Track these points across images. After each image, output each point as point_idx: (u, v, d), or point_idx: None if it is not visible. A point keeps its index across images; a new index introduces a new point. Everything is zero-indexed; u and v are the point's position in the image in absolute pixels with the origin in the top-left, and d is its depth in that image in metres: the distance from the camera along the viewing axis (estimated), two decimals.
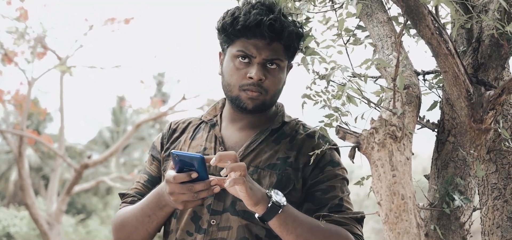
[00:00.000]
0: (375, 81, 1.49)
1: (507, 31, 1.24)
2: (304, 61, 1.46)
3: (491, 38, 1.29)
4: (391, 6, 1.47)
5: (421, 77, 1.45)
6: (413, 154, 1.21)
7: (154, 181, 1.57)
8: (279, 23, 1.39)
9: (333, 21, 1.57)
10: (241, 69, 1.43)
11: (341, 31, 1.47)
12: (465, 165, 1.30)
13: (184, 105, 10.94)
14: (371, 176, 1.18)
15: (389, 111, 1.20)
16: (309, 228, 1.33)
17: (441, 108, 1.38)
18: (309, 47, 1.46)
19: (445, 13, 1.53)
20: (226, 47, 1.48)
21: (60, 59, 10.30)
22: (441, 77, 1.41)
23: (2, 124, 10.92)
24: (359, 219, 1.43)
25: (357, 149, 1.20)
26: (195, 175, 1.29)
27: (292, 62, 1.52)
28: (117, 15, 10.43)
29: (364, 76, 1.32)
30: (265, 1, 1.44)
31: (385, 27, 1.40)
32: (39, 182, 17.37)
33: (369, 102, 1.35)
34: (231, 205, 1.41)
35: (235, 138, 1.50)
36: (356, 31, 1.53)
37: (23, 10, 9.37)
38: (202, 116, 1.60)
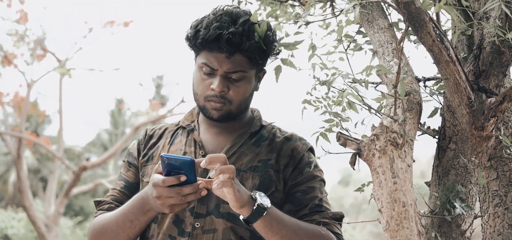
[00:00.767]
0: (376, 87, 1.49)
1: (508, 39, 1.24)
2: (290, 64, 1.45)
3: (493, 45, 1.29)
4: (391, 11, 1.47)
5: (421, 84, 1.45)
6: (414, 161, 1.20)
7: (131, 187, 1.57)
8: (238, 36, 1.41)
9: (333, 26, 1.57)
10: (205, 80, 1.46)
11: (341, 37, 1.47)
12: (466, 172, 1.30)
13: (183, 108, 10.93)
14: (372, 182, 1.18)
15: (390, 118, 1.19)
16: (293, 229, 1.35)
17: (442, 115, 1.37)
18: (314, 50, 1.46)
19: (445, 20, 1.53)
20: (195, 56, 1.52)
21: (59, 61, 10.30)
22: (441, 83, 1.41)
23: (1, 126, 10.90)
24: (338, 218, 1.47)
25: (357, 156, 1.19)
26: (184, 178, 1.29)
27: (264, 68, 1.54)
28: (116, 17, 10.44)
29: (364, 82, 1.32)
30: (232, 11, 1.46)
31: (386, 34, 1.40)
32: (37, 184, 17.34)
33: (369, 108, 1.34)
34: (216, 207, 1.42)
35: (215, 142, 1.52)
36: (356, 37, 1.53)
37: (23, 12, 9.38)
38: (179, 122, 1.62)
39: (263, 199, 1.31)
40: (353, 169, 1.21)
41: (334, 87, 1.38)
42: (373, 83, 1.49)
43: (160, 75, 18.78)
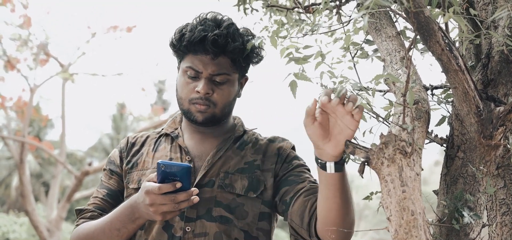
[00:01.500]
0: (383, 95, 1.49)
1: None
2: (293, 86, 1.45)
3: (501, 54, 1.29)
4: (397, 19, 1.47)
5: (429, 92, 1.45)
6: (423, 169, 1.20)
7: (113, 195, 1.57)
8: (223, 38, 1.45)
9: (339, 34, 1.57)
10: (190, 84, 1.49)
11: (348, 45, 1.47)
12: (475, 181, 1.30)
13: None
14: (381, 191, 1.18)
15: (399, 127, 1.19)
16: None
17: (450, 123, 1.37)
18: (323, 58, 1.46)
19: (451, 27, 1.53)
20: (178, 62, 1.55)
21: (62, 66, 10.32)
22: (449, 92, 1.41)
23: (3, 130, 10.92)
24: None
25: (366, 164, 1.19)
26: (179, 185, 1.30)
27: (246, 74, 1.58)
28: (119, 23, 10.46)
29: (372, 90, 1.32)
30: (216, 16, 1.50)
31: (394, 42, 1.40)
32: (39, 188, 17.35)
33: (377, 116, 1.34)
34: (207, 212, 1.43)
35: (200, 147, 1.55)
36: (363, 45, 1.53)
37: (26, 17, 9.40)
38: (161, 129, 1.64)
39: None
40: (362, 177, 1.21)
41: None
42: (380, 91, 1.49)
43: (162, 80, 18.80)
